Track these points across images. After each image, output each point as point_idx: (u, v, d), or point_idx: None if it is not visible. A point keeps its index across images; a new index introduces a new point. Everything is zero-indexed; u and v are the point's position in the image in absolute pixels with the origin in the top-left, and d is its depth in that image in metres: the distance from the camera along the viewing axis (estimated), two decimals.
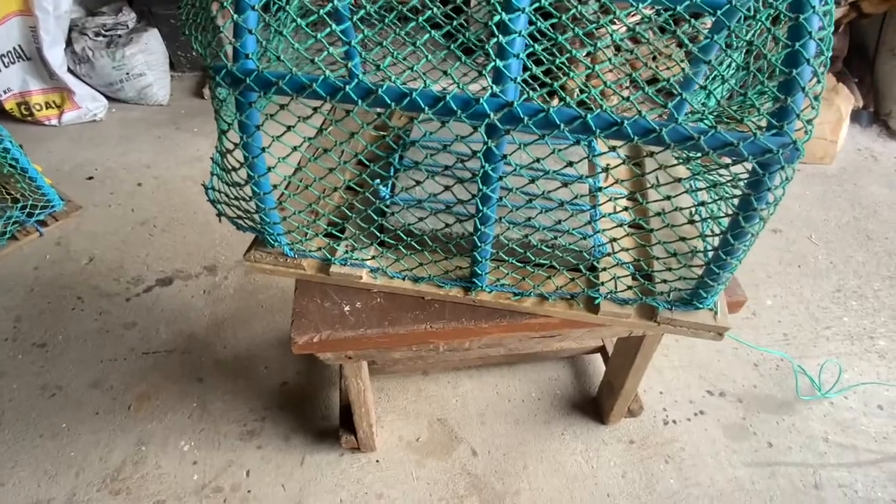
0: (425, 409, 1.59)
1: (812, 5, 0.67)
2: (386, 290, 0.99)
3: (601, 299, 0.94)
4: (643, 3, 0.74)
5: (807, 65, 0.67)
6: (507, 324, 0.97)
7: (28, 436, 1.52)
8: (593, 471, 1.47)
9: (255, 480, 1.44)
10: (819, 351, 1.74)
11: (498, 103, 0.71)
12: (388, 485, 1.44)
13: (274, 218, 0.93)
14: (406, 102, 0.72)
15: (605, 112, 0.70)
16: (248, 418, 1.57)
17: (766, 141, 0.68)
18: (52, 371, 1.66)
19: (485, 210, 0.82)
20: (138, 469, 1.46)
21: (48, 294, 1.88)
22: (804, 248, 2.07)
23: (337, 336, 0.94)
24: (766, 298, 1.89)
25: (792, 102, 0.67)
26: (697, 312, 0.92)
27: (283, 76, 0.74)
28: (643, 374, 1.36)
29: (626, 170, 1.22)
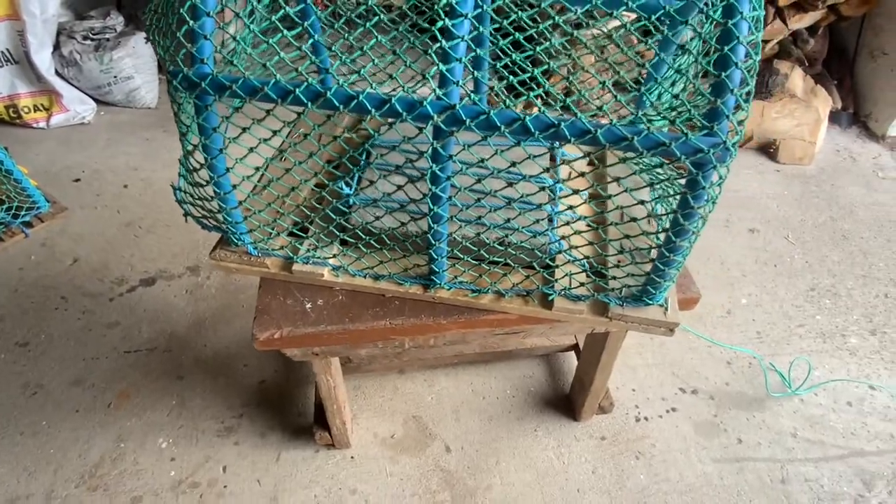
0: (401, 407, 1.62)
1: (741, 11, 0.70)
2: (348, 288, 1.02)
3: (555, 296, 0.96)
4: (620, 8, 0.77)
5: (735, 68, 0.69)
6: (466, 320, 0.99)
7: (8, 433, 1.54)
8: (564, 466, 1.50)
9: (232, 476, 1.47)
10: (792, 348, 1.77)
11: (441, 106, 0.74)
12: (362, 480, 1.46)
13: (236, 217, 0.95)
14: (353, 105, 0.75)
15: (543, 115, 0.73)
16: (225, 415, 1.59)
17: (697, 141, 0.70)
18: (33, 370, 1.69)
19: (436, 209, 0.84)
20: (116, 465, 1.48)
21: (32, 294, 1.91)
22: (781, 248, 2.09)
23: (297, 332, 0.97)
24: (741, 297, 1.92)
25: (722, 104, 0.70)
26: (648, 308, 0.95)
27: (237, 80, 0.77)
28: (611, 371, 1.39)
29: (587, 169, 1.24)
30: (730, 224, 2.18)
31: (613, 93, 0.79)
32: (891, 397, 1.64)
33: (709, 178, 0.74)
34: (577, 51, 1.10)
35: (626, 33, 0.97)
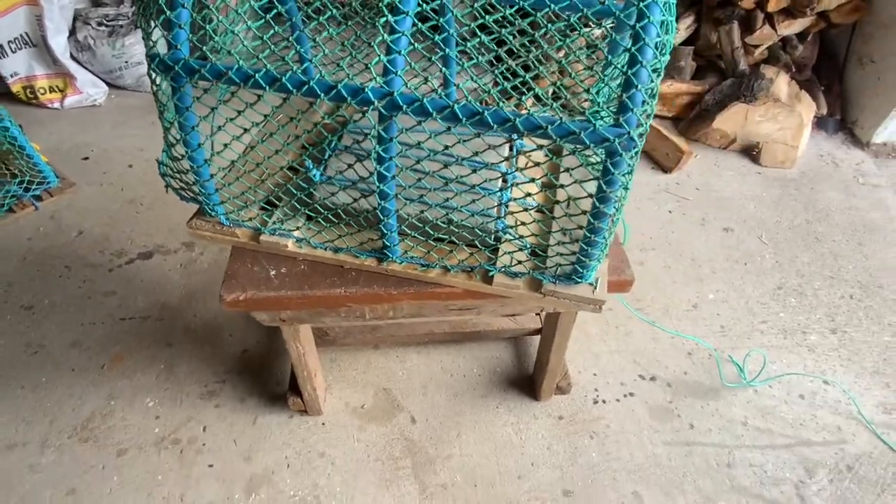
0: (373, 380, 1.72)
1: (648, 16, 0.78)
2: (309, 259, 1.12)
3: (495, 272, 1.05)
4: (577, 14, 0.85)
5: (641, 66, 0.78)
6: (415, 291, 1.09)
7: (10, 387, 1.67)
8: (521, 441, 1.59)
9: (211, 435, 1.58)
10: (753, 343, 1.83)
11: (381, 92, 0.83)
12: (331, 445, 1.57)
13: (209, 189, 1.06)
14: (305, 89, 0.85)
15: (469, 103, 0.82)
16: (209, 380, 1.71)
17: (603, 131, 0.79)
18: (36, 331, 1.82)
19: (382, 187, 0.94)
20: (106, 420, 1.60)
21: (39, 263, 2.04)
22: (753, 247, 2.15)
23: (260, 296, 1.07)
24: (709, 293, 1.99)
25: (628, 98, 0.78)
26: (578, 286, 1.03)
27: (205, 65, 0.87)
28: (564, 351, 1.47)
29: (542, 160, 1.33)
30: (705, 223, 2.24)
31: (585, 92, 0.88)
32: (842, 392, 1.70)
33: (618, 166, 0.82)
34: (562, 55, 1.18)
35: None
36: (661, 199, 2.34)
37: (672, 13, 0.84)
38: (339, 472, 1.52)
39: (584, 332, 1.84)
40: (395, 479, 1.51)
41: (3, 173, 2.20)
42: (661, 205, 2.31)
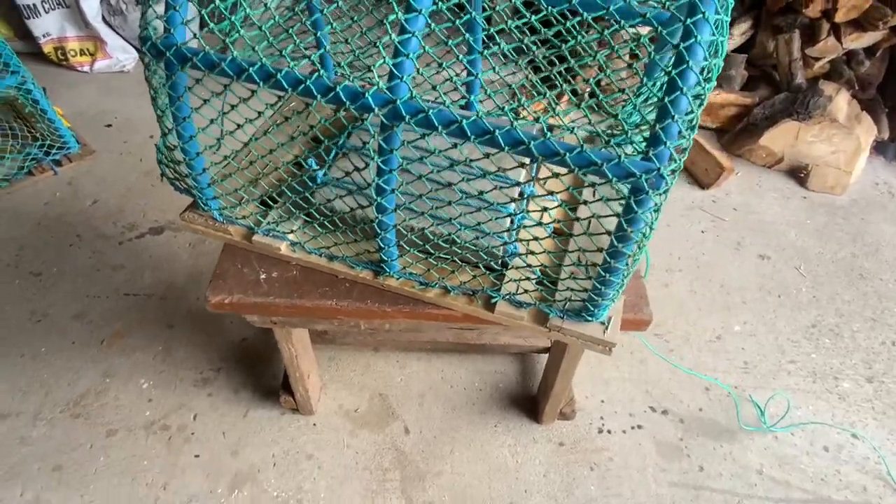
0: (370, 383, 1.66)
1: (696, 35, 0.67)
2: (303, 264, 1.05)
3: (498, 299, 0.97)
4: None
5: (681, 94, 0.67)
6: (410, 310, 1.01)
7: (11, 354, 1.67)
8: (517, 465, 1.51)
9: (200, 425, 1.55)
10: (778, 384, 1.70)
11: (383, 99, 0.75)
12: (320, 447, 1.52)
13: (202, 182, 0.99)
14: (301, 89, 0.77)
15: (479, 119, 0.72)
16: (205, 367, 1.67)
17: (629, 165, 0.69)
18: (42, 299, 1.81)
19: (381, 200, 0.86)
20: (99, 398, 1.59)
21: (52, 228, 2.04)
22: (789, 279, 2.00)
23: (247, 301, 1.01)
24: (735, 324, 1.85)
25: (661, 130, 0.68)
26: (588, 324, 0.94)
27: (197, 53, 0.79)
28: (572, 377, 1.38)
29: (568, 179, 1.22)
30: (740, 247, 2.09)
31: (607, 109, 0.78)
32: (872, 449, 1.57)
33: (643, 205, 0.72)
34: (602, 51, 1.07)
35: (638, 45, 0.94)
36: (695, 216, 2.19)
37: (725, 32, 0.72)
38: (325, 476, 1.47)
39: (595, 356, 1.74)
40: (381, 490, 1.45)
41: (25, 136, 2.19)
42: (694, 223, 2.17)
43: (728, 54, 2.52)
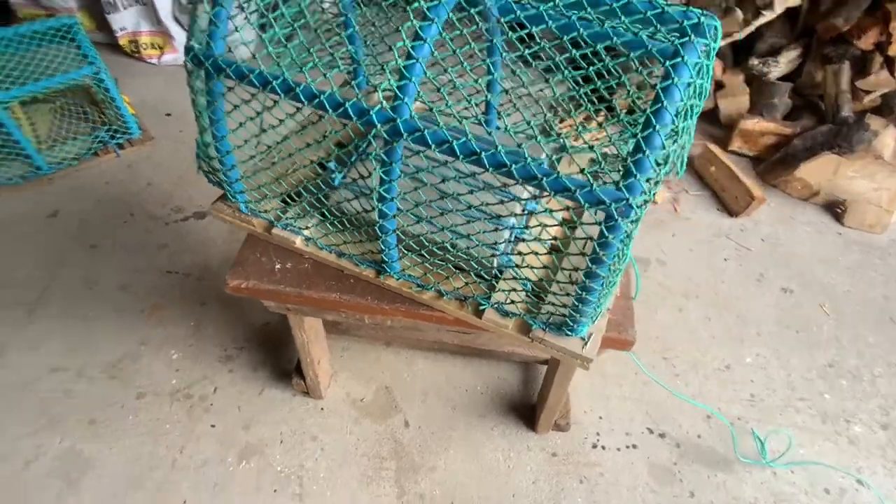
0: (378, 376, 1.75)
1: (674, 78, 0.71)
2: (314, 259, 1.15)
3: (487, 307, 1.03)
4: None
5: (654, 131, 0.72)
6: (406, 310, 1.09)
7: (66, 315, 1.86)
8: (508, 470, 1.56)
9: (219, 397, 1.68)
10: (784, 420, 1.68)
11: (385, 117, 0.83)
12: (324, 431, 1.62)
13: (232, 177, 1.11)
14: (315, 102, 0.86)
15: (469, 142, 0.79)
16: (229, 345, 1.81)
17: (600, 192, 0.74)
18: (95, 269, 2.00)
19: (382, 207, 0.94)
20: (134, 363, 1.75)
21: (110, 206, 2.24)
22: (811, 315, 1.96)
23: (261, 287, 1.11)
24: (747, 355, 1.83)
25: (633, 163, 0.73)
26: (568, 339, 0.99)
27: (231, 64, 0.90)
28: (565, 390, 1.42)
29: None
30: (763, 279, 2.06)
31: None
32: (878, 499, 1.53)
33: (614, 231, 0.77)
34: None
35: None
36: (719, 244, 2.17)
37: (708, 77, 0.76)
38: (326, 458, 1.57)
39: (599, 372, 1.77)
40: (376, 478, 1.54)
41: (95, 120, 2.42)
42: (718, 250, 2.15)
43: (773, 81, 2.48)
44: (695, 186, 2.39)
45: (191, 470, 1.53)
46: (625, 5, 0.76)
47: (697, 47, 0.72)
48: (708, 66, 0.76)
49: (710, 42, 0.74)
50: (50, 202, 2.24)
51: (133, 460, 1.54)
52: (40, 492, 1.48)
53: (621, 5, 0.76)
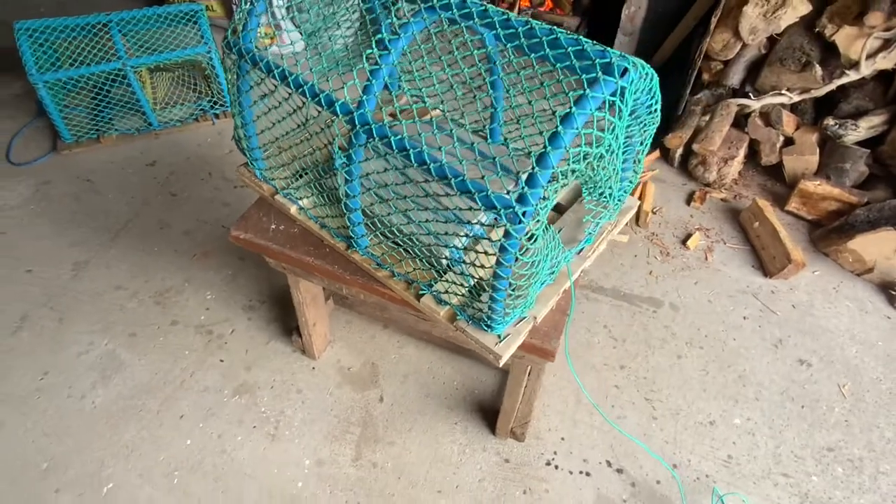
0: (369, 351, 1.91)
1: (572, 108, 0.80)
2: (303, 226, 1.34)
3: (426, 293, 1.15)
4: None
5: (546, 152, 0.81)
6: (363, 283, 1.24)
7: (138, 246, 2.23)
8: (459, 463, 1.65)
9: (234, 338, 1.94)
10: (756, 490, 1.60)
11: (346, 109, 0.99)
12: (309, 387, 1.81)
13: (253, 144, 1.33)
14: (299, 91, 1.04)
15: (417, 151, 0.93)
16: (254, 297, 2.07)
17: (493, 198, 0.84)
18: (169, 214, 2.37)
19: (345, 187, 1.10)
20: (175, 296, 2.06)
21: (195, 164, 2.62)
22: (824, 393, 1.83)
23: (254, 240, 1.32)
24: (736, 416, 1.76)
25: (525, 176, 0.82)
26: (486, 334, 1.08)
27: (263, 59, 1.11)
28: (517, 397, 1.49)
29: None
30: (780, 345, 1.95)
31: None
32: None
33: (508, 237, 0.86)
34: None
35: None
36: (743, 301, 2.08)
37: (620, 116, 0.83)
38: (304, 410, 1.75)
39: (575, 397, 1.79)
40: (341, 437, 1.69)
41: (201, 91, 2.84)
42: (738, 307, 2.06)
43: (847, 146, 2.32)
44: (735, 239, 2.30)
45: (193, 392, 1.79)
46: (552, 40, 0.86)
47: (603, 84, 0.81)
48: (619, 103, 0.84)
49: (618, 81, 0.81)
50: (152, 153, 2.68)
51: (153, 373, 1.83)
52: (82, 377, 1.81)
53: (550, 40, 0.86)
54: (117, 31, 2.45)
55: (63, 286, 2.08)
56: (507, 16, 0.91)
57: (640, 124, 1.05)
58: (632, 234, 2.32)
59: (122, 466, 1.62)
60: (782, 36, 2.40)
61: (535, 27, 0.89)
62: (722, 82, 2.59)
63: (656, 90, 0.99)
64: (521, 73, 0.94)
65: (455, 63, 1.06)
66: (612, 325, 2.00)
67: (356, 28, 1.40)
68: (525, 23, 0.90)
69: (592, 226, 1.22)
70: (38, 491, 1.57)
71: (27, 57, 2.37)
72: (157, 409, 1.75)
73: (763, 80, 2.49)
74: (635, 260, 2.23)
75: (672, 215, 2.40)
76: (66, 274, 2.12)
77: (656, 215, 2.39)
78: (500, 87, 1.35)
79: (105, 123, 2.70)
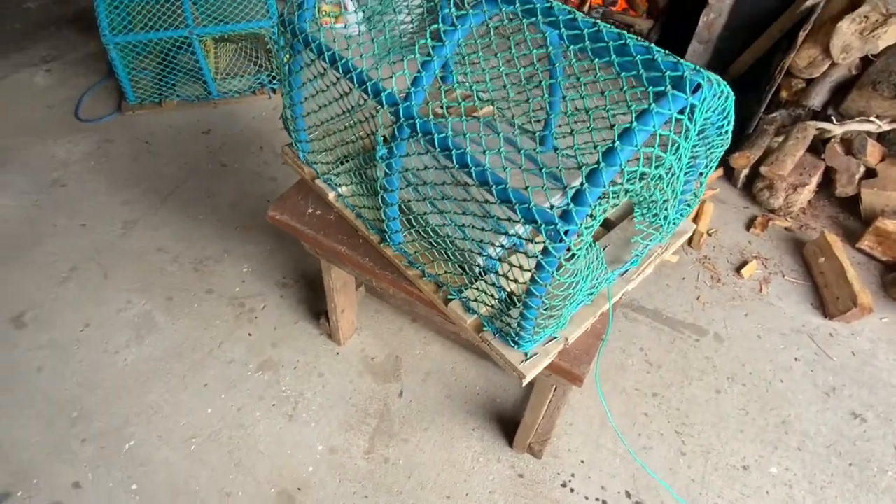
0: (394, 344, 1.89)
1: (634, 123, 0.73)
2: (340, 214, 1.31)
3: (455, 298, 1.10)
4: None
5: (598, 169, 0.74)
6: (392, 279, 1.20)
7: (184, 212, 2.28)
8: (471, 470, 1.60)
9: (263, 315, 1.95)
10: None
11: (393, 100, 0.94)
12: (331, 372, 1.80)
13: (299, 125, 1.31)
14: (364, 87, 1.00)
15: (460, 153, 0.87)
16: (288, 276, 2.08)
17: (534, 211, 0.78)
18: (217, 184, 2.41)
19: (383, 180, 1.06)
20: (213, 265, 2.09)
21: (249, 136, 2.66)
22: (877, 454, 1.67)
23: (289, 222, 1.30)
24: (773, 465, 1.64)
25: (572, 192, 0.76)
26: (511, 349, 1.03)
27: (315, 41, 1.08)
28: (540, 412, 1.43)
29: None
30: (833, 394, 1.80)
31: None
32: None
33: (546, 254, 0.80)
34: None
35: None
36: (796, 341, 1.93)
37: (687, 135, 0.75)
38: (323, 395, 1.75)
39: (600, 419, 1.71)
40: (356, 427, 1.68)
41: (261, 65, 2.87)
42: (790, 347, 1.91)
43: None
44: (795, 273, 2.14)
45: (220, 362, 1.82)
46: (620, 46, 0.79)
47: (671, 100, 0.73)
48: (686, 122, 0.75)
49: (688, 97, 0.73)
50: (208, 122, 2.73)
51: (184, 338, 1.87)
52: (118, 334, 1.87)
53: (617, 45, 0.79)
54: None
55: (111, 242, 2.15)
56: (574, 15, 0.84)
57: (708, 145, 0.96)
58: (682, 254, 2.20)
59: (144, 426, 1.66)
60: (879, 57, 2.19)
61: (603, 30, 0.81)
62: (802, 102, 2.40)
63: (730, 110, 0.90)
64: (581, 79, 0.87)
65: (511, 61, 0.99)
66: (650, 348, 1.90)
67: (416, 16, 1.35)
68: (592, 24, 0.83)
69: (641, 247, 1.14)
70: (66, 438, 1.63)
71: (102, 18, 2.45)
72: (183, 374, 1.78)
73: (849, 104, 2.28)
74: (683, 283, 2.10)
75: (728, 239, 2.25)
76: (116, 231, 2.20)
77: (711, 237, 2.25)
78: (557, 91, 1.28)
79: (168, 88, 2.77)
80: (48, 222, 2.21)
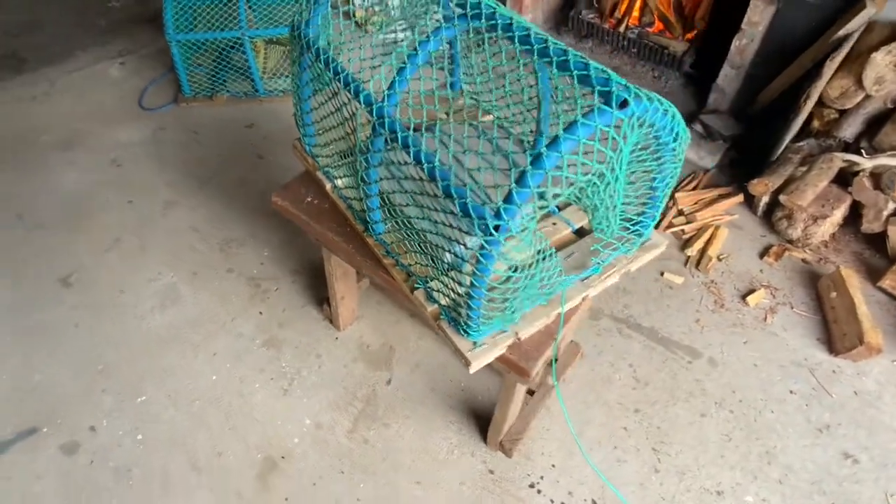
0: (390, 334, 1.99)
1: (560, 134, 0.80)
2: (334, 202, 1.43)
3: (420, 287, 1.19)
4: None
5: (526, 173, 0.81)
6: (370, 266, 1.30)
7: (218, 197, 2.48)
8: (445, 461, 1.67)
9: (275, 297, 2.10)
10: None
11: (369, 100, 1.05)
12: (328, 354, 1.93)
13: (306, 121, 1.44)
14: (336, 77, 1.12)
15: (416, 150, 0.97)
16: (304, 263, 2.22)
17: (469, 206, 0.86)
18: (253, 173, 2.61)
19: (363, 173, 1.17)
20: (237, 247, 2.27)
21: (286, 133, 2.85)
22: (865, 498, 1.61)
23: (289, 209, 1.43)
24: (750, 493, 1.61)
25: (504, 192, 0.83)
26: (462, 337, 1.10)
27: (320, 47, 1.21)
28: (507, 409, 1.49)
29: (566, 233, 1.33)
30: (825, 431, 1.74)
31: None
32: None
33: (482, 249, 0.88)
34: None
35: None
36: (794, 373, 1.88)
37: (620, 155, 0.81)
38: (317, 374, 1.87)
39: (580, 429, 1.74)
40: (343, 407, 1.79)
41: None
42: (787, 379, 1.87)
43: None
44: (805, 306, 2.08)
45: (230, 335, 1.98)
46: (562, 62, 0.86)
47: (597, 113, 0.79)
48: (613, 134, 0.81)
49: (614, 112, 0.79)
50: (252, 117, 2.95)
51: (201, 311, 2.05)
52: (146, 301, 2.07)
53: (560, 61, 0.86)
54: (243, 2, 2.73)
55: (152, 219, 2.38)
56: (529, 31, 0.92)
57: (659, 163, 1.01)
58: (688, 276, 2.18)
59: (157, 385, 1.84)
60: None
61: (551, 45, 0.89)
62: (833, 133, 2.34)
63: (679, 130, 0.95)
64: (525, 92, 0.94)
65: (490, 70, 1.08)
66: (639, 365, 1.91)
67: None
68: (543, 40, 0.90)
69: (602, 256, 1.19)
70: (89, 387, 1.83)
71: (168, 17, 2.71)
72: (197, 342, 1.95)
73: (883, 138, 2.21)
74: (684, 305, 2.09)
75: (739, 266, 2.22)
76: (158, 209, 2.42)
77: (721, 262, 2.23)
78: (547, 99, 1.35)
79: (220, 84, 3.02)
80: (102, 197, 2.47)
